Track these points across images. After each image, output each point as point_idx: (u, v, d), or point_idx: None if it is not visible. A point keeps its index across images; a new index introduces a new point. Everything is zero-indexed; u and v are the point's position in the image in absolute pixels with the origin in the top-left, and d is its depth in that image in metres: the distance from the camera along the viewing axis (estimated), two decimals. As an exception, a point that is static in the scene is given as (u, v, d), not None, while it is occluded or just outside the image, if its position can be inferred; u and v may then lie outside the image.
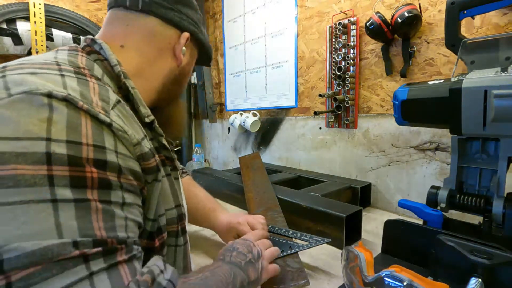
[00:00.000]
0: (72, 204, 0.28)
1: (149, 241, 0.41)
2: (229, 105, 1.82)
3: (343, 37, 1.12)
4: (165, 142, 0.46)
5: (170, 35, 0.50)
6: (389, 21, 0.94)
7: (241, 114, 1.63)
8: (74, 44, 0.46)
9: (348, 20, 1.10)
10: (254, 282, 0.49)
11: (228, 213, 0.76)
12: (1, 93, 0.29)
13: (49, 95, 0.29)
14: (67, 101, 0.30)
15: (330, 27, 1.17)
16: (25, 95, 0.29)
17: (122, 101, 0.38)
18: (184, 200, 0.52)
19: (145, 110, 0.43)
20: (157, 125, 0.45)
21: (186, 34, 0.51)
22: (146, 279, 0.32)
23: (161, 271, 0.35)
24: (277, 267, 0.55)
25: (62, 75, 0.33)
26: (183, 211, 0.48)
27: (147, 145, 0.38)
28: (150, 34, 0.49)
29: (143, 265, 0.35)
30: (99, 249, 0.29)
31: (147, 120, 0.43)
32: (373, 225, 0.89)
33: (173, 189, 0.46)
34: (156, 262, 0.36)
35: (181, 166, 0.85)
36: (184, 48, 0.52)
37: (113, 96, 0.37)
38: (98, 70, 0.41)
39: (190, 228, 0.83)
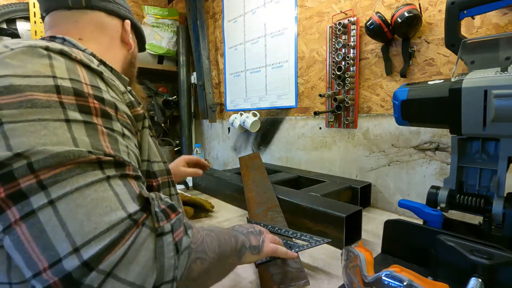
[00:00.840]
0: (82, 124, 0.32)
1: (147, 179, 0.44)
2: (229, 105, 1.82)
3: (343, 37, 1.12)
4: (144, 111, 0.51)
5: (115, 24, 0.56)
6: (389, 21, 0.94)
7: (241, 114, 1.63)
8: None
9: (348, 20, 1.10)
10: (255, 247, 0.51)
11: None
12: (2, 49, 0.32)
13: (47, 48, 0.34)
14: (62, 53, 0.35)
15: (330, 27, 1.17)
16: (26, 48, 0.33)
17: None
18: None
19: (123, 82, 0.48)
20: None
21: (128, 21, 0.58)
22: (154, 195, 0.35)
23: (162, 198, 0.38)
24: (279, 247, 0.56)
25: (49, 41, 0.38)
26: (168, 167, 0.52)
27: (130, 97, 0.43)
28: (101, 26, 0.54)
29: None
30: (111, 158, 0.32)
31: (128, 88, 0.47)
32: (373, 225, 0.89)
33: (157, 147, 0.51)
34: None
35: None
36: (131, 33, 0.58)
37: (95, 60, 0.41)
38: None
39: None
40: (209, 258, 0.38)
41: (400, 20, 0.89)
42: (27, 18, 1.45)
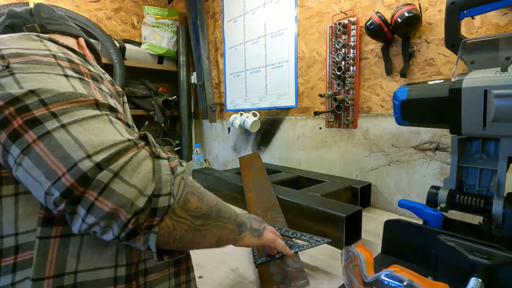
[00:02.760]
0: (78, 79, 0.36)
1: None
2: (229, 105, 1.82)
3: (343, 37, 1.12)
4: None
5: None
6: (389, 21, 0.94)
7: (241, 114, 1.63)
8: None
9: (348, 20, 1.10)
10: (256, 230, 0.52)
11: None
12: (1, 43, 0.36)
13: (38, 36, 0.39)
14: (51, 40, 0.39)
15: (330, 27, 1.17)
16: (22, 34, 0.38)
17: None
18: None
19: None
20: None
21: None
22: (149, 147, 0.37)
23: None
24: (278, 239, 0.57)
25: None
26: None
27: (109, 77, 0.46)
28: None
29: None
30: (105, 102, 0.36)
31: None
32: (373, 225, 0.89)
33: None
34: None
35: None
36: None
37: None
38: None
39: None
40: (206, 202, 0.40)
41: (400, 20, 0.89)
42: (27, 18, 1.45)
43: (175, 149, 2.16)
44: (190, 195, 0.37)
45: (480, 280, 0.45)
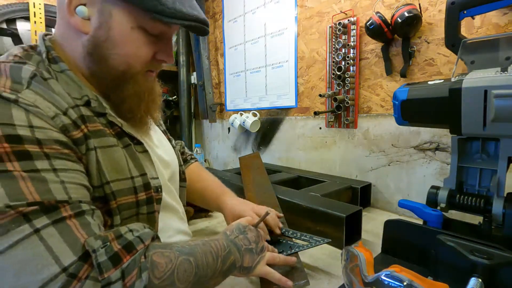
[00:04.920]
0: None
1: (102, 205, 0.41)
2: (229, 105, 1.82)
3: (343, 37, 1.12)
4: (112, 119, 0.45)
5: None
6: (389, 21, 0.94)
7: (241, 114, 1.63)
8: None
9: (348, 20, 1.10)
10: (246, 268, 0.49)
11: (237, 200, 0.74)
12: None
13: None
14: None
15: (330, 27, 1.17)
16: None
17: (44, 77, 0.39)
18: (161, 173, 0.53)
19: (79, 91, 0.42)
20: (96, 105, 0.44)
21: None
22: (108, 234, 0.32)
23: (130, 230, 0.36)
24: (272, 271, 0.53)
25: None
26: (152, 183, 0.47)
27: (72, 115, 0.38)
28: (57, 9, 0.44)
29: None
30: (36, 207, 0.29)
31: (79, 102, 0.41)
32: (373, 225, 0.89)
33: (134, 159, 0.46)
34: (130, 225, 0.37)
35: (190, 152, 0.85)
36: (82, 7, 0.40)
37: (27, 74, 0.37)
38: (36, 59, 0.42)
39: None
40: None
41: (400, 20, 0.89)
42: (27, 18, 1.45)
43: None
44: None
45: (480, 280, 0.45)
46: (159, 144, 0.59)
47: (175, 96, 2.12)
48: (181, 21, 0.42)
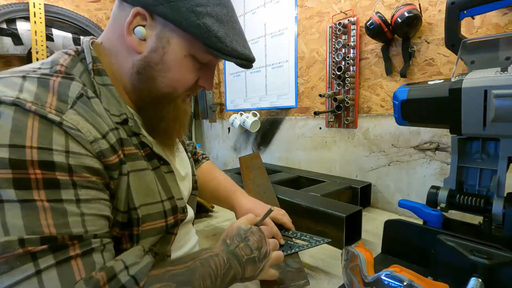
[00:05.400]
0: (18, 204, 0.29)
1: (122, 231, 0.41)
2: (229, 105, 1.82)
3: (343, 37, 1.12)
4: (145, 140, 0.45)
5: (125, 16, 0.42)
6: (389, 21, 0.94)
7: (241, 114, 1.63)
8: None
9: (348, 20, 1.10)
10: (248, 278, 0.48)
11: (249, 199, 0.74)
12: None
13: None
14: (15, 105, 0.31)
15: (330, 27, 1.17)
16: None
17: (88, 95, 0.39)
18: (185, 194, 0.52)
19: (118, 108, 0.42)
20: (133, 124, 0.44)
21: (136, 9, 0.40)
22: (101, 277, 0.32)
23: (126, 267, 0.35)
24: (276, 273, 0.53)
25: (24, 78, 0.35)
26: (179, 205, 0.47)
27: (111, 139, 0.38)
28: (112, 21, 0.45)
29: (119, 253, 0.36)
30: (46, 246, 0.30)
31: (117, 120, 0.41)
32: (373, 225, 0.89)
33: (163, 182, 0.46)
34: (127, 256, 0.36)
35: (201, 151, 0.86)
36: (141, 28, 0.41)
37: (74, 92, 0.37)
38: (79, 68, 0.42)
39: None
40: None
41: (400, 20, 0.89)
42: (27, 18, 1.45)
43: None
44: None
45: (480, 280, 0.45)
46: (179, 159, 0.58)
47: (175, 96, 2.11)
48: (235, 59, 0.44)
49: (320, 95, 1.18)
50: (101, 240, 0.35)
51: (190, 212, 0.60)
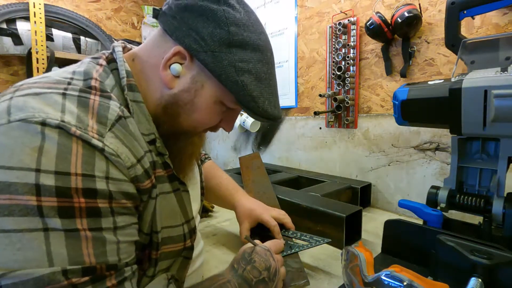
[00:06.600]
0: (62, 233, 0.29)
1: (143, 252, 0.41)
2: (229, 105, 1.82)
3: (343, 37, 1.12)
4: (168, 161, 0.44)
5: (167, 47, 0.42)
6: (389, 21, 0.94)
7: (241, 114, 1.63)
8: (108, 51, 0.45)
9: (348, 20, 1.10)
10: None
11: (250, 199, 0.75)
12: (2, 118, 0.30)
13: (43, 123, 0.30)
14: (60, 128, 0.31)
15: (330, 27, 1.17)
16: (21, 122, 0.30)
17: (125, 115, 0.38)
18: (194, 209, 0.52)
19: (147, 127, 0.41)
20: (160, 145, 0.43)
21: (178, 48, 0.40)
22: None
23: None
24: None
25: (64, 95, 0.34)
26: (193, 225, 0.48)
27: (145, 164, 0.38)
28: (151, 46, 0.44)
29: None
30: (87, 278, 0.30)
31: (146, 139, 0.41)
32: (373, 225, 0.89)
33: (181, 204, 0.46)
34: (155, 286, 0.38)
35: (203, 152, 0.85)
36: (178, 66, 0.41)
37: (113, 114, 0.36)
38: (111, 81, 0.40)
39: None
40: None
41: (400, 20, 0.89)
42: (27, 18, 1.45)
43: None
44: None
45: (480, 280, 0.45)
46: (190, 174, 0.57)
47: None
48: (263, 118, 0.46)
49: (320, 95, 1.18)
50: (131, 268, 0.35)
51: (197, 218, 0.60)
